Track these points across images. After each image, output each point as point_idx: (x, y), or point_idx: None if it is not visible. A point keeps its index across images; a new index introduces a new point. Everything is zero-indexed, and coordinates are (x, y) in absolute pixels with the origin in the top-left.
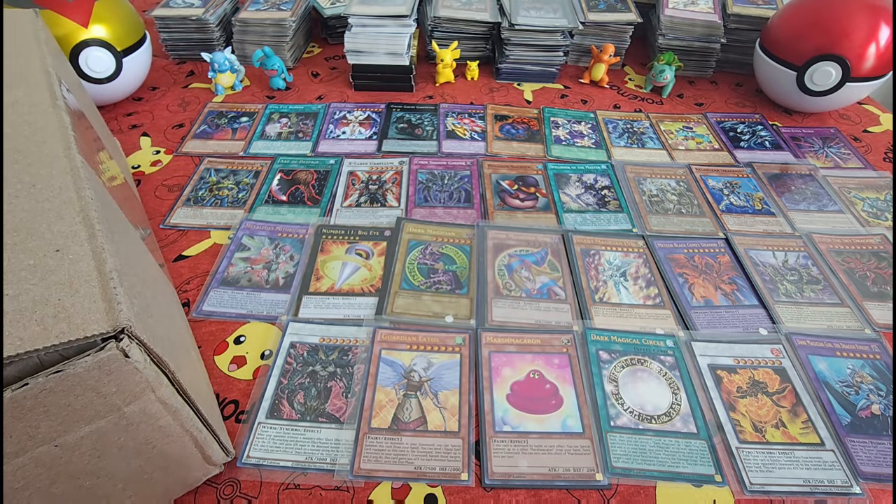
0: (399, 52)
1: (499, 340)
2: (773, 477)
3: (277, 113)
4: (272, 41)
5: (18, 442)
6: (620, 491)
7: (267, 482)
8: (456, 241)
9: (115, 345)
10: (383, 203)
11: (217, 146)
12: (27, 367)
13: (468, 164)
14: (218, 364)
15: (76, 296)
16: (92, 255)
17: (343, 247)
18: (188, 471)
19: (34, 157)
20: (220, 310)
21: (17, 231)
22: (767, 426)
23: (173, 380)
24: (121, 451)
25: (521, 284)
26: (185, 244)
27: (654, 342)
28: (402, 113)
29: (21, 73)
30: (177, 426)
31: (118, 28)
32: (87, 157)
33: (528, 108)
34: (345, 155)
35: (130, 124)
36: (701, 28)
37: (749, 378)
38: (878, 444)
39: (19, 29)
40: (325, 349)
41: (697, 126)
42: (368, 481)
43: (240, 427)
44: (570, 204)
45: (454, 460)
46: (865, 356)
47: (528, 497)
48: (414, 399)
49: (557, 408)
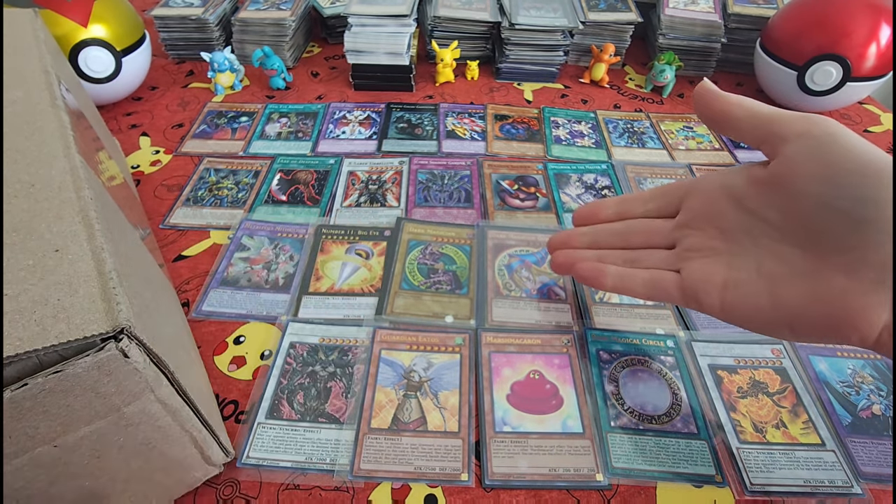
0: (399, 51)
1: (499, 340)
2: (774, 477)
3: (277, 113)
4: (272, 41)
5: (18, 442)
6: (621, 491)
7: (267, 482)
8: (456, 241)
9: (114, 345)
10: (383, 203)
11: (216, 146)
12: (26, 367)
13: (468, 164)
14: (217, 364)
15: (75, 296)
16: (91, 255)
17: (343, 247)
18: (188, 471)
19: (33, 156)
20: (219, 310)
21: (17, 231)
22: (768, 426)
23: (173, 380)
24: (120, 451)
25: (521, 284)
26: (185, 244)
27: (655, 342)
28: (402, 113)
29: (20, 72)
30: (176, 426)
31: (118, 28)
32: (86, 157)
33: (528, 107)
34: (345, 155)
35: (130, 124)
36: (701, 28)
37: (749, 378)
38: (878, 444)
39: (18, 28)
40: (324, 349)
41: (698, 126)
42: (368, 482)
43: (239, 427)
44: (571, 204)
45: (454, 461)
46: (866, 356)
47: (528, 497)
48: (414, 399)
49: (557, 408)
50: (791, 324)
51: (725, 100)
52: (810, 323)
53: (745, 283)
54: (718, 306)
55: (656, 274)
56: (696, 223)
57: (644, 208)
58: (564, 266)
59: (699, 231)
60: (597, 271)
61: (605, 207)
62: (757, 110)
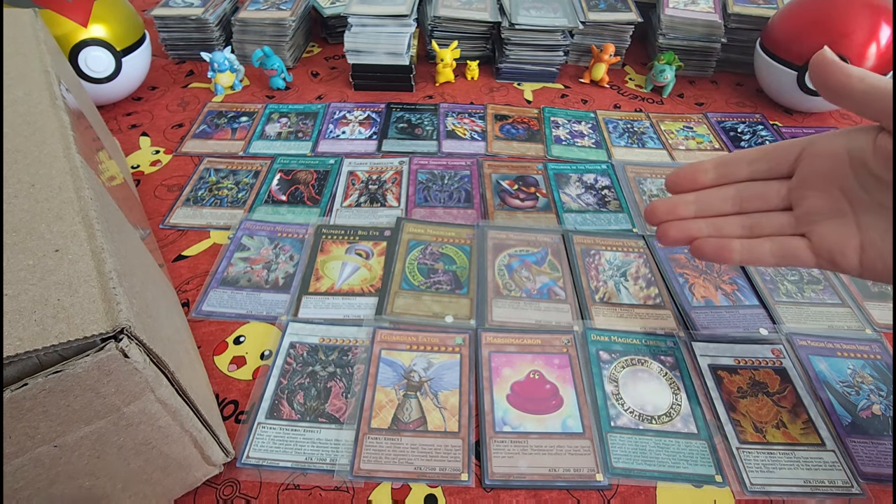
0: (399, 51)
1: (499, 340)
2: (774, 477)
3: (277, 113)
4: (272, 41)
5: (18, 442)
6: (621, 491)
7: (266, 482)
8: (456, 241)
9: (114, 345)
10: (383, 203)
11: (216, 146)
12: (26, 367)
13: (468, 164)
14: (217, 364)
15: (75, 296)
16: (91, 255)
17: (343, 247)
18: (188, 471)
19: (33, 156)
20: (219, 310)
21: (17, 231)
22: (768, 426)
23: (173, 380)
24: (120, 451)
25: (521, 284)
26: (185, 244)
27: (655, 342)
28: (402, 113)
29: (20, 72)
30: (176, 426)
31: (118, 28)
32: (86, 157)
33: (528, 107)
34: (345, 155)
35: (130, 124)
36: (701, 28)
37: (750, 378)
38: (878, 444)
39: (18, 28)
40: (324, 349)
41: (698, 126)
42: (368, 482)
43: (239, 427)
44: (571, 204)
45: (454, 461)
46: (866, 356)
47: (528, 497)
48: (414, 399)
49: (557, 408)
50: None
51: (846, 72)
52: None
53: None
54: (857, 267)
55: (784, 241)
56: (817, 184)
57: (750, 169)
58: (680, 240)
59: (822, 192)
60: (721, 248)
61: (703, 171)
62: (877, 84)
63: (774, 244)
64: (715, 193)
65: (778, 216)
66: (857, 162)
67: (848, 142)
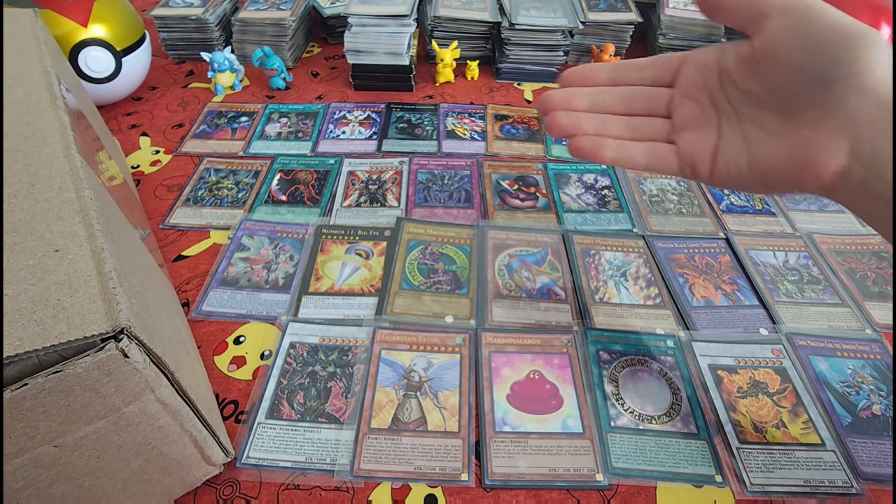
0: (399, 51)
1: (499, 340)
2: (774, 477)
3: (277, 113)
4: (272, 41)
5: (18, 442)
6: (621, 491)
7: (266, 482)
8: (456, 241)
9: (114, 345)
10: (383, 203)
11: (216, 146)
12: (26, 367)
13: (468, 164)
14: (217, 364)
15: (75, 296)
16: (91, 255)
17: (343, 247)
18: (188, 471)
19: (33, 156)
20: (219, 310)
21: (17, 231)
22: (768, 426)
23: (173, 380)
24: (120, 451)
25: (521, 284)
26: (185, 244)
27: (655, 342)
28: (402, 113)
29: (20, 72)
30: (176, 426)
31: (118, 28)
32: (86, 157)
33: (528, 107)
34: (345, 155)
35: (130, 124)
36: (701, 28)
37: (749, 378)
38: (878, 444)
39: (18, 28)
40: (324, 349)
41: None
42: (368, 482)
43: (239, 427)
44: (571, 204)
45: (454, 461)
46: (866, 356)
47: (528, 497)
48: (414, 399)
49: (557, 408)
50: (763, 177)
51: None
52: (778, 174)
53: (729, 150)
54: (708, 174)
55: (656, 146)
56: (691, 93)
57: (639, 76)
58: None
59: (693, 101)
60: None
61: (598, 71)
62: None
63: (647, 147)
64: (608, 91)
65: (658, 122)
66: (724, 72)
67: (719, 53)
